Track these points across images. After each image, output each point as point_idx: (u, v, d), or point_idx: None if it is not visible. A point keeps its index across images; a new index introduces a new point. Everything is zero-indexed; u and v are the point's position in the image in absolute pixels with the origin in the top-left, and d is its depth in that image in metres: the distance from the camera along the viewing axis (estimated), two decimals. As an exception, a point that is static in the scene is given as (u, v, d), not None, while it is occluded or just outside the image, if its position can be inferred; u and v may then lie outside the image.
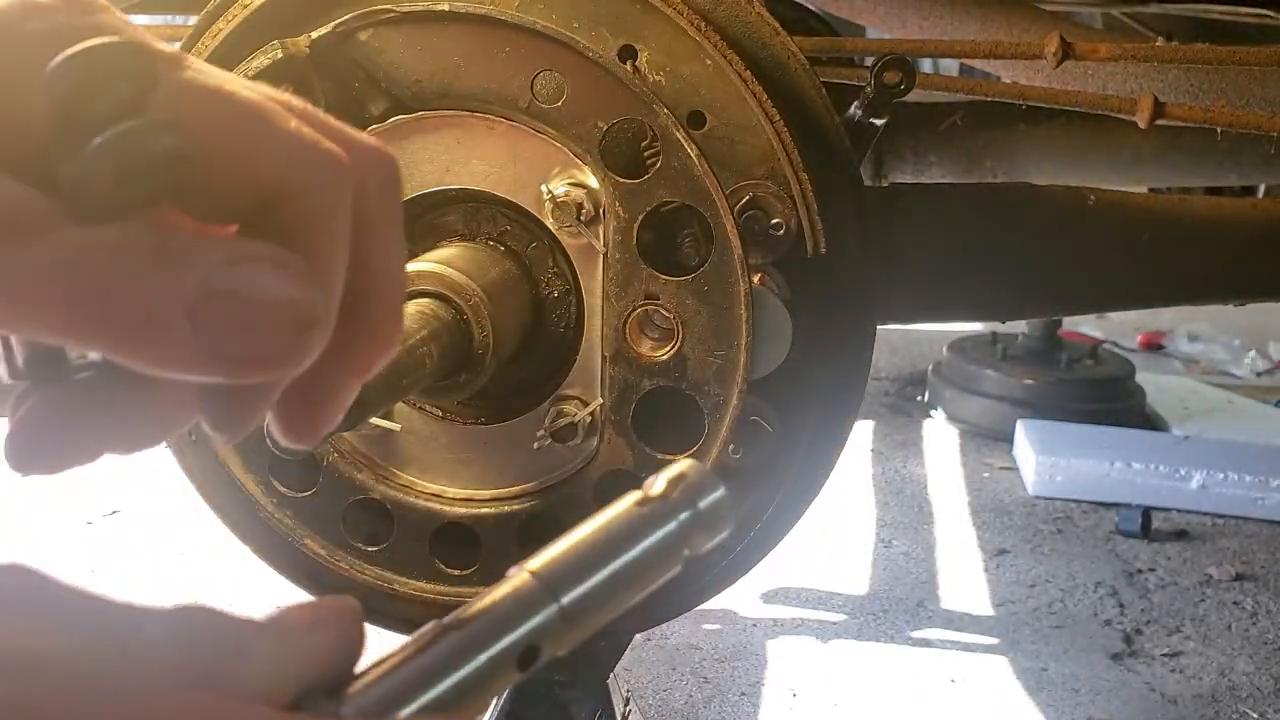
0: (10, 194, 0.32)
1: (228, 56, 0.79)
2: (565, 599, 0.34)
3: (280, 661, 0.29)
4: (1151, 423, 3.11)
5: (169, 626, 0.27)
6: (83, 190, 0.31)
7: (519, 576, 0.34)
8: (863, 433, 2.97)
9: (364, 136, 0.39)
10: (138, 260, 0.31)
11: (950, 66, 3.07)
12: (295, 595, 0.97)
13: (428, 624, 0.33)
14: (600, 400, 0.82)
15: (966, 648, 1.95)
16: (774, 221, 0.78)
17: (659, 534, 0.37)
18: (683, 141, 0.76)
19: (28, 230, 0.31)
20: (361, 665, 0.32)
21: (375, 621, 0.96)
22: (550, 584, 0.34)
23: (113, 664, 0.24)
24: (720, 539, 0.39)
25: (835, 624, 2.01)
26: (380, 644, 0.34)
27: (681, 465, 0.39)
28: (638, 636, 1.34)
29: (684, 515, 0.38)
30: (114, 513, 2.33)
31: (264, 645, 0.29)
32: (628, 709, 1.04)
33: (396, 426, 0.86)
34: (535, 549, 0.85)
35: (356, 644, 0.31)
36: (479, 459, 0.86)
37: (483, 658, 0.32)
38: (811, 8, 1.69)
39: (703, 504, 0.38)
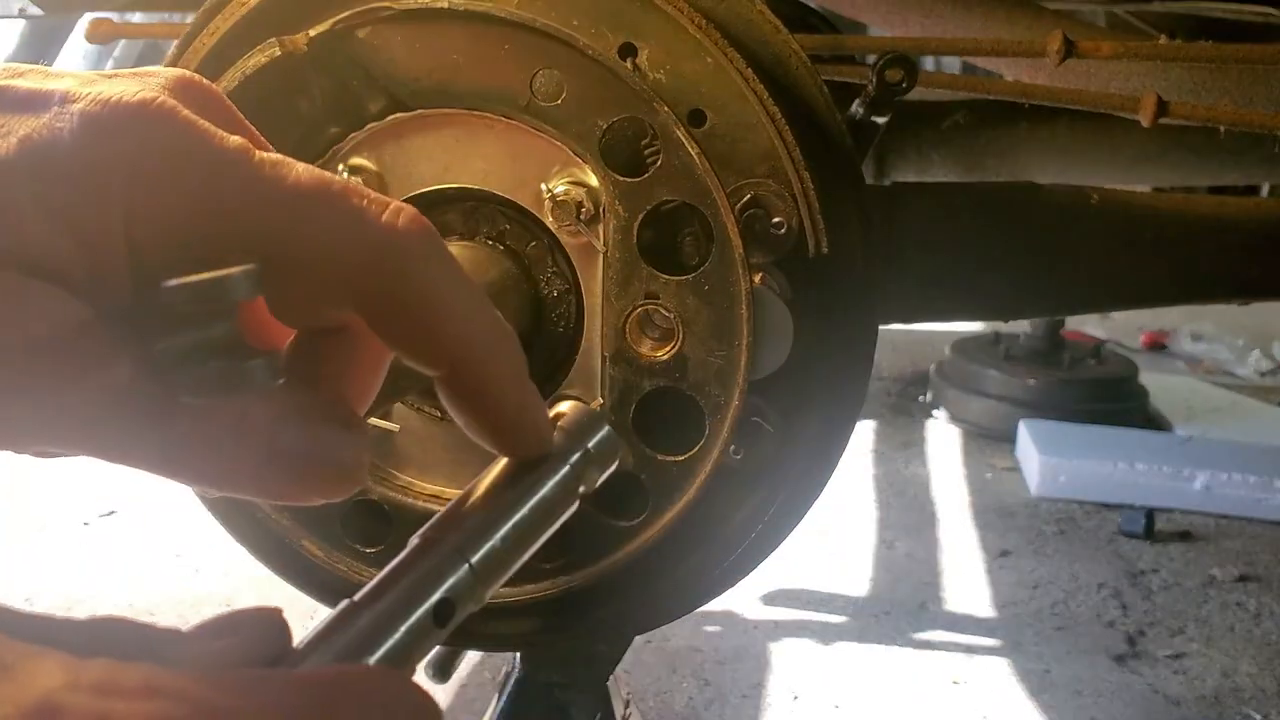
0: (77, 318, 0.33)
1: (225, 54, 0.79)
2: (474, 558, 0.35)
3: (183, 658, 0.29)
4: (1155, 423, 3.10)
5: (83, 635, 0.27)
6: (170, 373, 0.33)
7: (421, 540, 0.35)
8: (865, 433, 2.97)
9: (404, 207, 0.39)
10: (214, 425, 0.35)
11: (952, 65, 3.06)
12: (294, 596, 0.96)
13: (342, 602, 0.33)
14: (600, 400, 0.81)
15: (969, 649, 1.94)
16: (775, 220, 0.78)
17: (554, 478, 0.38)
18: (683, 140, 0.75)
19: (92, 364, 0.34)
20: None
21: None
22: (456, 546, 0.35)
23: (20, 668, 0.24)
24: (611, 471, 0.41)
25: (837, 626, 2.00)
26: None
27: (562, 406, 0.40)
28: (638, 639, 1.33)
29: (575, 457, 0.39)
30: (111, 513, 2.33)
31: (176, 648, 0.29)
32: (628, 711, 1.04)
33: (395, 427, 0.85)
34: (535, 551, 0.83)
35: (278, 644, 0.31)
36: (478, 460, 0.86)
37: (404, 626, 0.33)
38: (813, 5, 1.68)
39: (592, 443, 0.40)
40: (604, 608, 0.86)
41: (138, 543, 2.18)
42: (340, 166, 0.80)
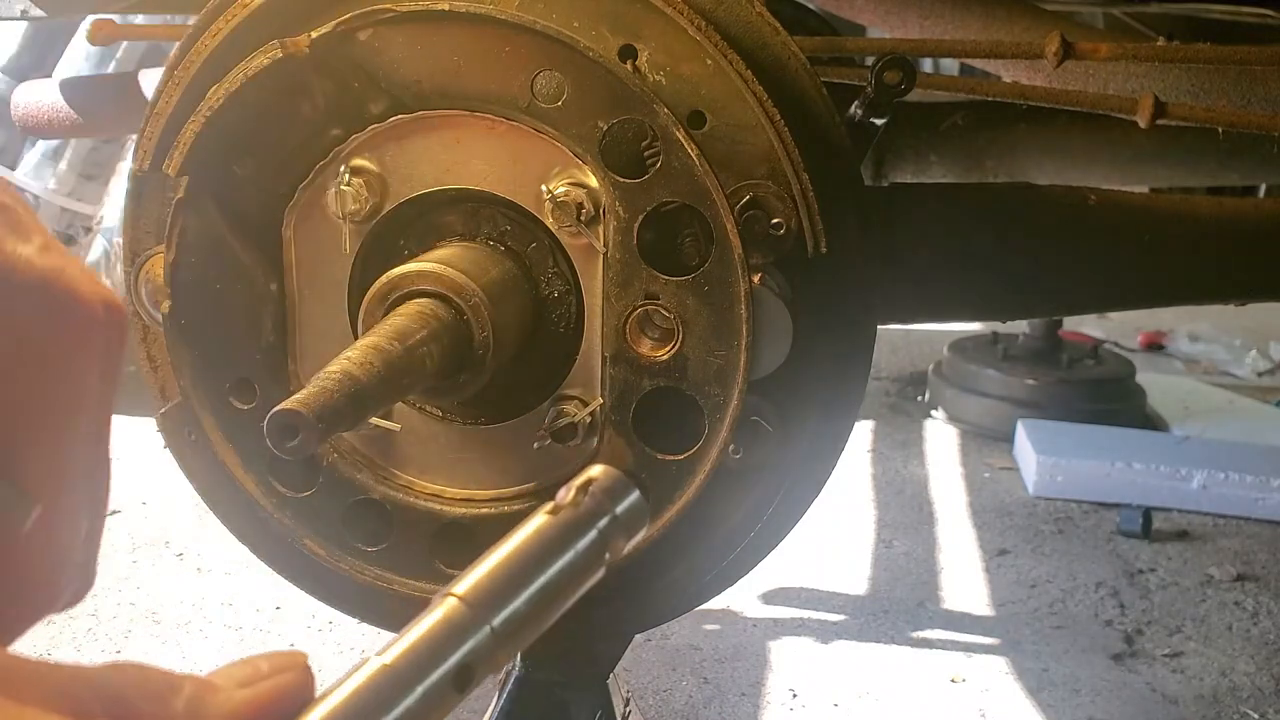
0: None
1: (227, 56, 0.79)
2: (495, 621, 0.34)
3: (201, 707, 0.29)
4: (1152, 423, 3.10)
5: (96, 687, 0.28)
6: None
7: (447, 602, 0.34)
8: (863, 433, 2.97)
9: None
10: None
11: (951, 66, 3.07)
12: (295, 595, 0.97)
13: (364, 658, 0.33)
14: (600, 400, 0.82)
15: (967, 648, 1.95)
16: (774, 221, 0.78)
17: (579, 544, 0.38)
18: (683, 141, 0.75)
19: None
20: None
21: (375, 623, 0.96)
22: (479, 607, 0.34)
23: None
24: (639, 539, 0.40)
25: (835, 624, 2.01)
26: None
27: (591, 471, 0.40)
28: (638, 637, 1.33)
29: (602, 523, 0.38)
30: (114, 513, 2.33)
31: (186, 691, 0.29)
32: (628, 709, 1.04)
33: (396, 427, 0.86)
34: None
35: (302, 694, 0.31)
36: (479, 459, 0.86)
37: (421, 688, 0.32)
38: (812, 7, 1.68)
39: (619, 509, 0.39)
40: (604, 606, 0.86)
41: (140, 542, 2.18)
42: (342, 168, 0.81)
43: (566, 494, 0.39)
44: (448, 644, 0.34)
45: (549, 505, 0.38)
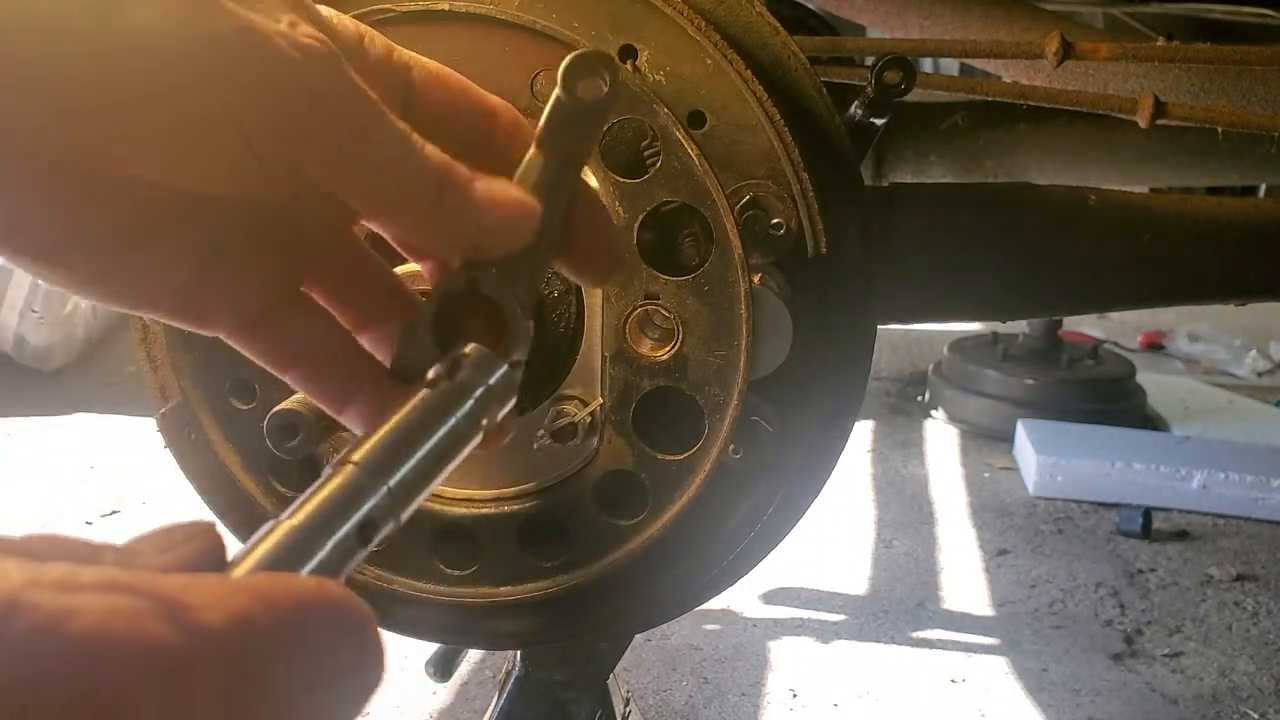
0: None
1: (227, 56, 0.79)
2: (391, 481, 0.39)
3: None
4: (1152, 423, 3.11)
5: (30, 547, 0.28)
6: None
7: (345, 468, 0.38)
8: (863, 433, 2.97)
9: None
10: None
11: (951, 66, 3.07)
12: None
13: (272, 523, 0.35)
14: (600, 400, 0.82)
15: (967, 648, 1.95)
16: (774, 221, 0.78)
17: (459, 413, 0.43)
18: (683, 141, 0.75)
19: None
20: None
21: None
22: (375, 469, 0.38)
23: None
24: (508, 409, 0.46)
25: (835, 624, 2.01)
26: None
27: (464, 349, 0.44)
28: (638, 637, 1.33)
29: (478, 391, 0.43)
30: (113, 513, 2.33)
31: (123, 560, 0.30)
32: (628, 709, 1.04)
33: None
34: (536, 550, 0.85)
35: (212, 555, 0.32)
36: (479, 459, 0.86)
37: (331, 541, 0.35)
38: (812, 7, 1.69)
39: (492, 380, 0.44)
40: (604, 606, 0.86)
41: (138, 542, 2.18)
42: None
43: (441, 370, 0.43)
44: (351, 502, 0.37)
45: (429, 379, 0.43)
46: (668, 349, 0.80)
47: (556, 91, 0.48)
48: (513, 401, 0.46)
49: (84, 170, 0.39)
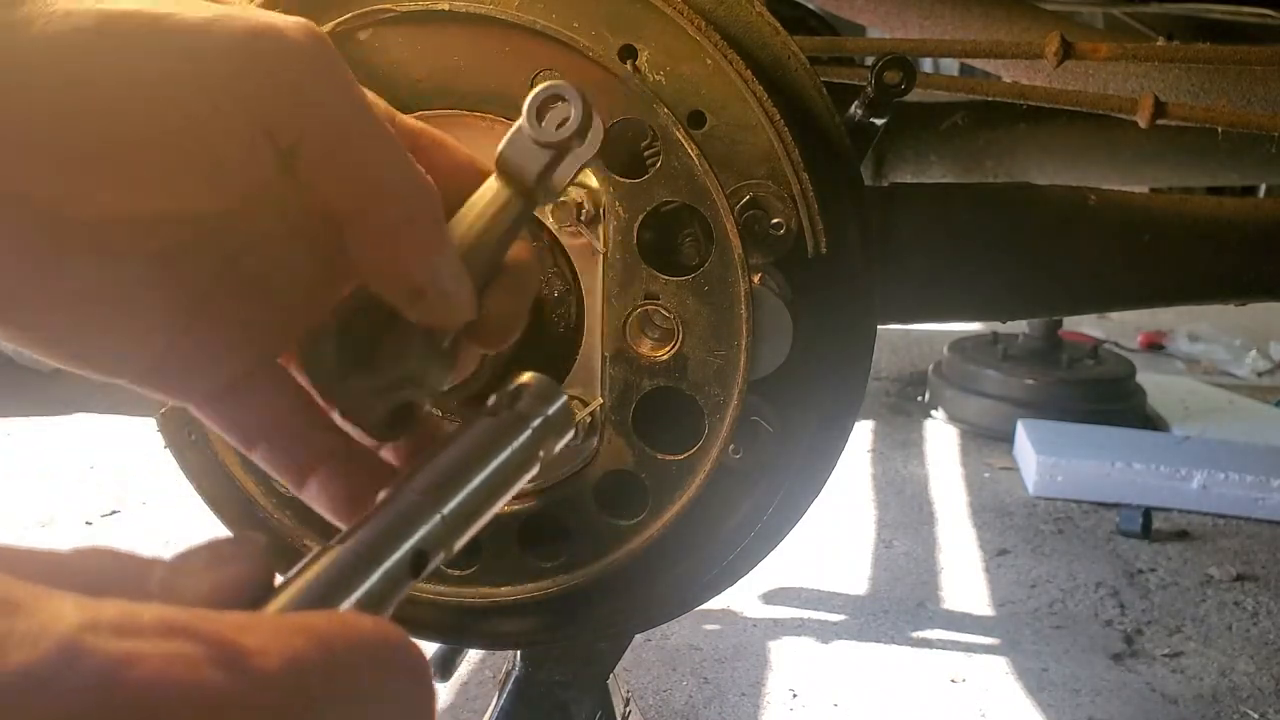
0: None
1: (227, 56, 0.79)
2: (445, 510, 0.38)
3: (176, 594, 0.30)
4: (1152, 423, 3.11)
5: (77, 570, 0.28)
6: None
7: (402, 494, 0.38)
8: (863, 433, 2.97)
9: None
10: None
11: (951, 66, 3.07)
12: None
13: (325, 545, 0.35)
14: (600, 400, 0.82)
15: (967, 648, 1.95)
16: (774, 221, 0.78)
17: (516, 442, 0.42)
18: (683, 141, 0.75)
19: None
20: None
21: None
22: (429, 497, 0.38)
23: (34, 608, 0.24)
24: (568, 440, 0.45)
25: (836, 624, 2.01)
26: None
27: (524, 378, 0.44)
28: (638, 637, 1.33)
29: (535, 423, 0.43)
30: (113, 513, 2.33)
31: (171, 582, 0.30)
32: (628, 709, 1.04)
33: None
34: (536, 550, 0.84)
35: (260, 576, 0.32)
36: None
37: (380, 570, 0.35)
38: (812, 7, 1.69)
39: (550, 411, 0.43)
40: (604, 606, 0.86)
41: (140, 542, 2.18)
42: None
43: (502, 399, 0.43)
44: (403, 530, 0.36)
45: (489, 407, 0.42)
46: (668, 349, 0.80)
47: (520, 120, 0.46)
48: (570, 434, 0.45)
49: (60, 210, 0.37)
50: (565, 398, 0.44)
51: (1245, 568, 2.26)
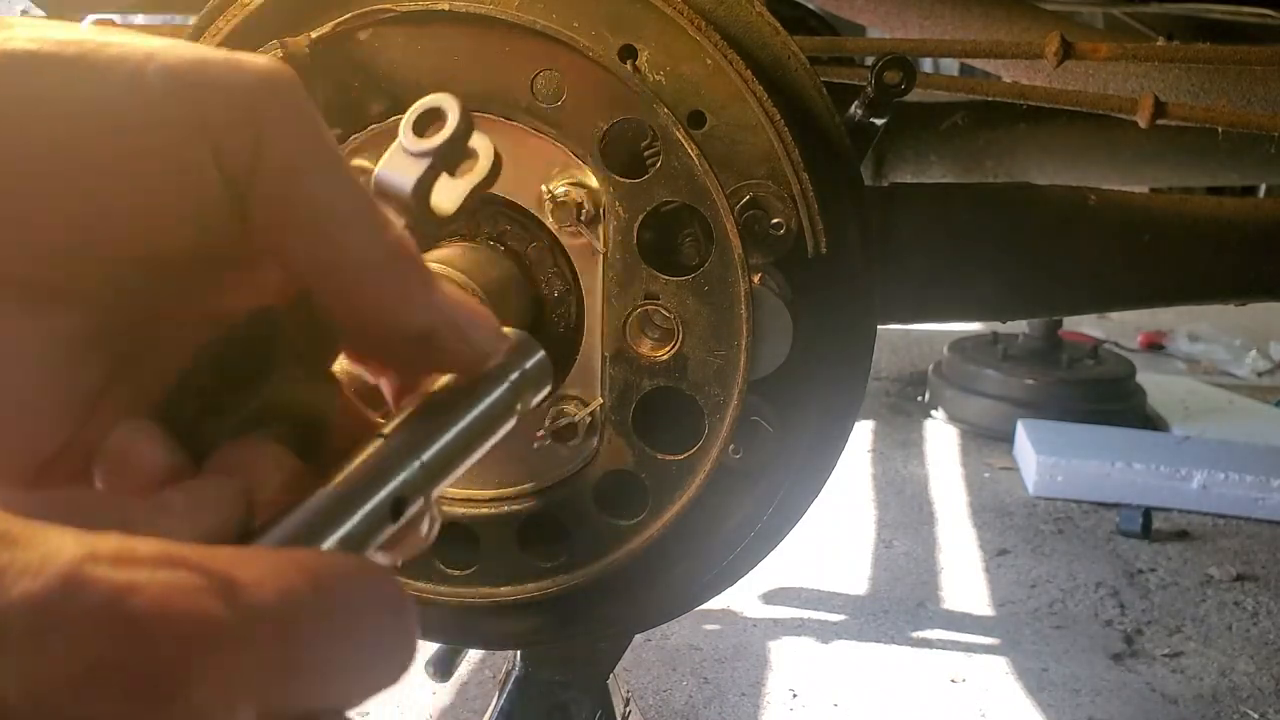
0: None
1: (227, 56, 0.79)
2: (424, 456, 0.38)
3: (160, 533, 0.30)
4: (1152, 423, 3.10)
5: (69, 507, 0.28)
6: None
7: (377, 441, 0.38)
8: (863, 433, 2.97)
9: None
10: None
11: (951, 66, 3.07)
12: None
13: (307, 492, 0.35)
14: (600, 400, 0.82)
15: (967, 648, 1.95)
16: (774, 221, 0.78)
17: (495, 395, 0.42)
18: (683, 141, 0.75)
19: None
20: None
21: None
22: (409, 444, 0.38)
23: (33, 541, 0.24)
24: (545, 394, 0.45)
25: (835, 624, 2.01)
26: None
27: (503, 332, 0.43)
28: (638, 637, 1.33)
29: (514, 376, 0.43)
30: (114, 513, 2.33)
31: (162, 521, 0.30)
32: (628, 709, 1.04)
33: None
34: (536, 550, 0.84)
35: (240, 515, 0.33)
36: (479, 459, 0.86)
37: (361, 511, 0.35)
38: (812, 7, 1.69)
39: (527, 365, 0.43)
40: (604, 606, 0.86)
41: (138, 542, 2.19)
42: (342, 167, 0.81)
43: None
44: (383, 475, 0.37)
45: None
46: (668, 349, 0.80)
47: (399, 138, 0.43)
48: (548, 388, 0.45)
49: None
50: (543, 353, 0.44)
51: (1245, 568, 2.26)
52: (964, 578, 2.20)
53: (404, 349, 0.38)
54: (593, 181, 0.78)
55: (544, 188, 0.79)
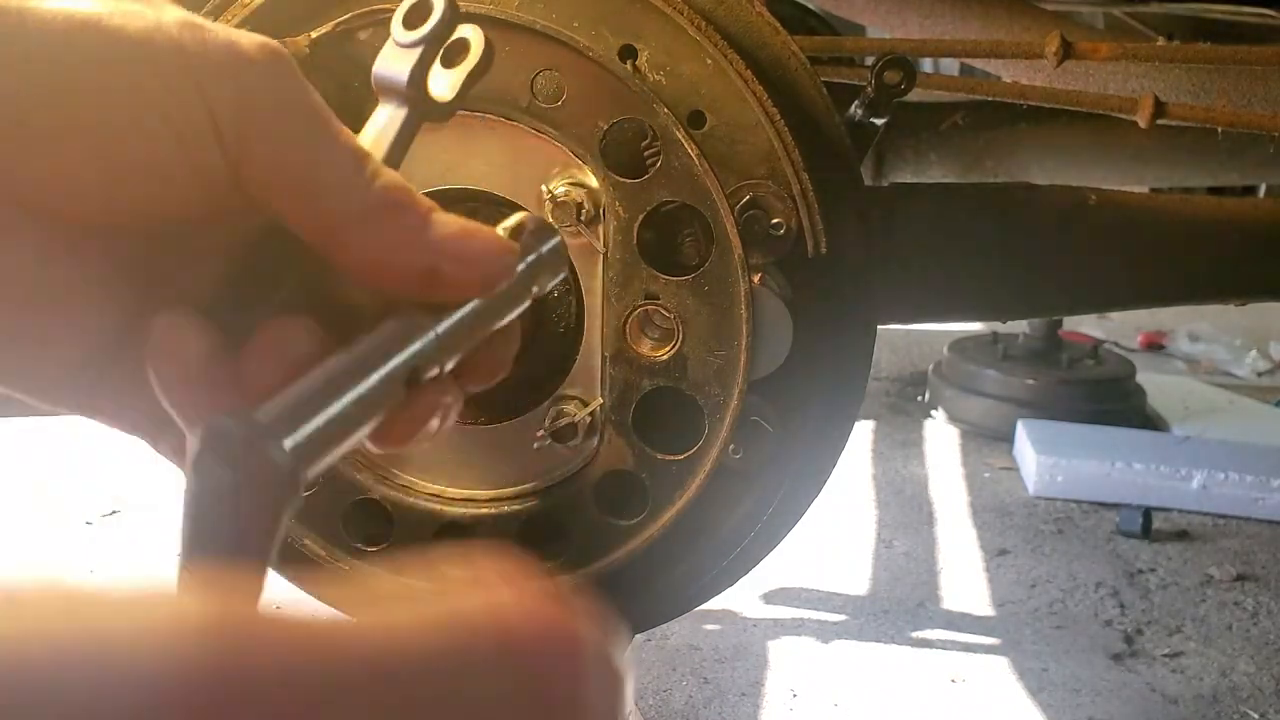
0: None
1: (227, 56, 0.79)
2: (439, 328, 0.40)
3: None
4: (1152, 423, 3.10)
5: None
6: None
7: (399, 312, 0.39)
8: (863, 433, 2.97)
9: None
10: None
11: (951, 66, 3.07)
12: (295, 595, 0.97)
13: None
14: (600, 400, 0.82)
15: (967, 648, 1.95)
16: (774, 221, 0.78)
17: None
18: (683, 141, 0.76)
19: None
20: None
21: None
22: (424, 316, 0.40)
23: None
24: (560, 278, 0.47)
25: (836, 624, 2.01)
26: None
27: (519, 216, 0.45)
28: (638, 637, 1.33)
29: (530, 258, 0.44)
30: (113, 513, 2.33)
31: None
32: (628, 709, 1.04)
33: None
34: (536, 550, 0.84)
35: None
36: (479, 459, 0.86)
37: (377, 375, 0.37)
38: (812, 7, 1.69)
39: (544, 249, 0.45)
40: (603, 606, 0.86)
41: (140, 542, 2.18)
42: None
43: (502, 234, 0.43)
44: (399, 342, 0.39)
45: None
46: (668, 349, 0.80)
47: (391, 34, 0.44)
48: (563, 273, 0.47)
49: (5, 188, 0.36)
50: (559, 238, 0.45)
51: (1245, 568, 2.26)
52: (964, 578, 2.20)
53: (411, 287, 0.40)
54: (593, 181, 0.78)
55: (544, 188, 0.79)
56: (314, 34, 0.77)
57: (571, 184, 0.79)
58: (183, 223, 0.39)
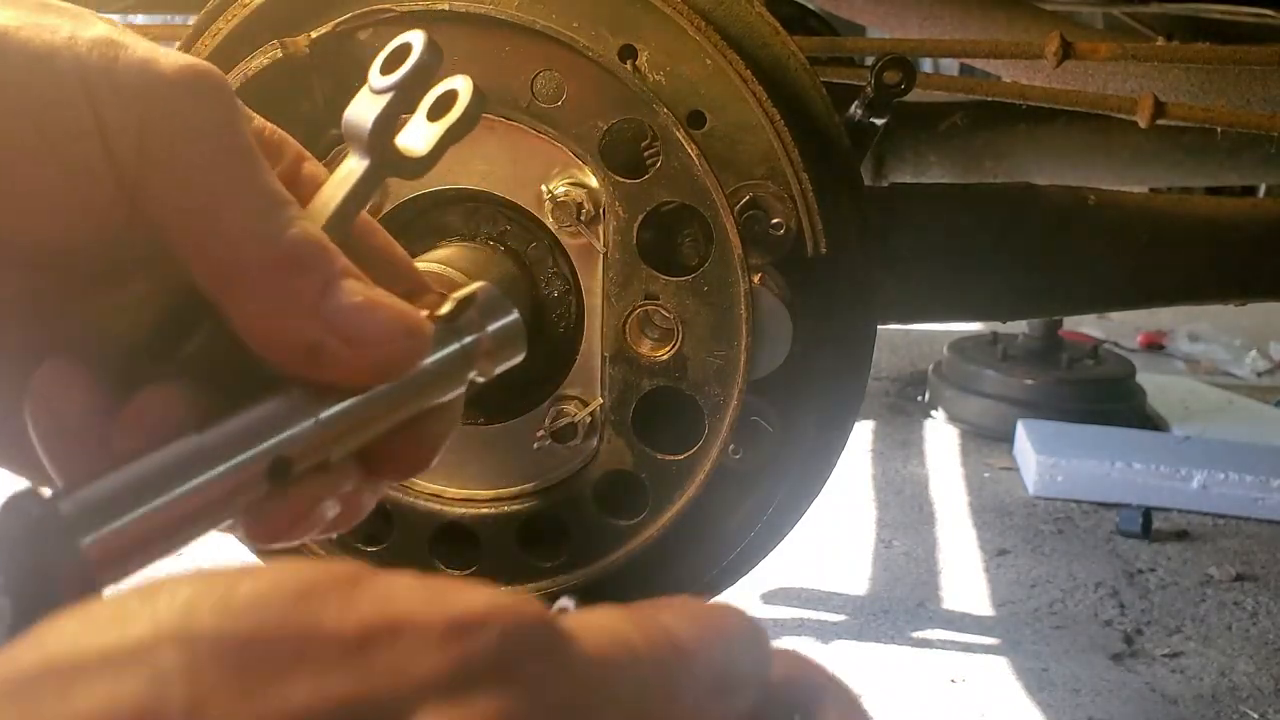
0: None
1: (227, 56, 0.79)
2: (323, 414, 0.34)
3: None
4: (1152, 423, 3.10)
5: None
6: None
7: (280, 391, 0.34)
8: (863, 433, 2.97)
9: None
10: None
11: (950, 66, 3.07)
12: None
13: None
14: (600, 400, 0.82)
15: (967, 648, 1.95)
16: (774, 221, 0.78)
17: (436, 355, 0.37)
18: (683, 141, 0.76)
19: None
20: None
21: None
22: (305, 399, 0.34)
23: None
24: (513, 363, 0.39)
25: (835, 624, 2.01)
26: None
27: (473, 288, 0.39)
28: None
29: (468, 339, 0.38)
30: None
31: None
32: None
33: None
34: (536, 550, 0.85)
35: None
36: (479, 459, 0.86)
37: (225, 465, 0.32)
38: (812, 7, 1.69)
39: (492, 328, 0.38)
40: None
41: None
42: (342, 168, 0.81)
43: (445, 305, 0.38)
44: (267, 428, 0.33)
45: (432, 314, 0.38)
46: (668, 349, 0.80)
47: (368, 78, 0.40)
48: (520, 355, 0.40)
49: None
50: (514, 315, 0.39)
51: (1245, 568, 2.26)
52: (964, 578, 2.20)
53: (295, 362, 0.34)
54: (593, 181, 0.78)
55: (544, 188, 0.79)
56: (314, 34, 0.77)
57: (571, 184, 0.79)
58: (70, 255, 0.35)
